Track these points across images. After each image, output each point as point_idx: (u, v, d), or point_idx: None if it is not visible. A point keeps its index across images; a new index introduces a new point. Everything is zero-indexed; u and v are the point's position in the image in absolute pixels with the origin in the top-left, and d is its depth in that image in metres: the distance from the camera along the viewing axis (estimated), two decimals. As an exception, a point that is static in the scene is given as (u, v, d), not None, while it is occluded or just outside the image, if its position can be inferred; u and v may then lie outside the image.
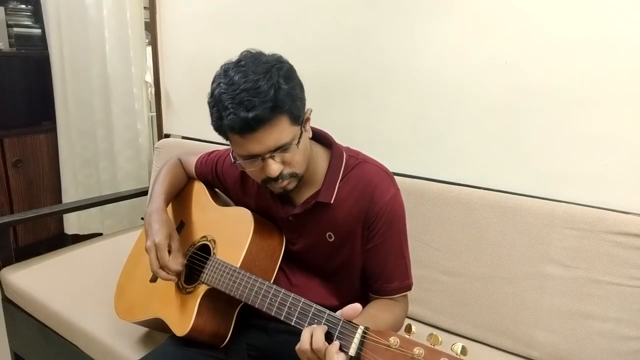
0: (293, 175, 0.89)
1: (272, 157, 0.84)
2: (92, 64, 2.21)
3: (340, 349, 0.72)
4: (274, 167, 0.85)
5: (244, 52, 0.87)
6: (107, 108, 2.26)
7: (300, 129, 0.86)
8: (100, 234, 2.31)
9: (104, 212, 2.41)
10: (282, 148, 0.83)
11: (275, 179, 0.87)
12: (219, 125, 0.84)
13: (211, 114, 0.85)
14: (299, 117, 0.84)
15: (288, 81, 0.82)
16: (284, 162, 0.86)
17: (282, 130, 0.82)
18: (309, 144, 0.93)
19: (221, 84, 0.81)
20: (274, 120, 0.80)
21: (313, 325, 0.76)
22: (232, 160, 0.91)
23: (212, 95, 0.84)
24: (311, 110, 0.91)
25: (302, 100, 0.87)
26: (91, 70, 2.22)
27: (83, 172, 2.41)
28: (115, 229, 2.34)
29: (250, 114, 0.77)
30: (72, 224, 2.46)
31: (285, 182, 0.89)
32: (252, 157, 0.84)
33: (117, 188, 2.30)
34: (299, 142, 0.85)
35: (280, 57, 0.87)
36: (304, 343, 0.74)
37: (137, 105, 2.25)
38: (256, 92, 0.78)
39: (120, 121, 2.26)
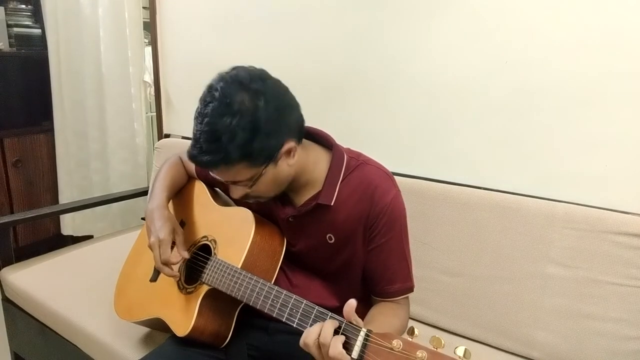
0: (259, 197, 0.91)
1: (235, 184, 0.87)
2: (87, 64, 2.20)
3: (344, 347, 0.71)
4: (236, 192, 0.88)
5: (232, 73, 0.83)
6: (102, 108, 2.24)
7: (263, 169, 0.84)
8: (103, 235, 2.31)
9: (97, 214, 2.39)
10: (240, 182, 0.86)
11: (242, 198, 0.90)
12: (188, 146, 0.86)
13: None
14: (260, 160, 0.83)
15: (251, 132, 0.78)
16: (247, 189, 0.88)
17: (236, 173, 0.83)
18: (287, 170, 0.89)
19: (199, 107, 0.82)
20: (227, 166, 0.82)
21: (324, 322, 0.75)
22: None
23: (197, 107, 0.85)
24: (295, 147, 0.87)
25: (269, 145, 0.82)
26: (85, 70, 2.21)
27: (78, 173, 2.40)
28: (107, 231, 2.32)
29: (204, 158, 0.80)
30: (67, 224, 2.45)
31: (252, 201, 0.93)
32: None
33: (112, 189, 2.29)
34: (258, 179, 0.85)
35: (262, 94, 0.80)
36: (310, 335, 0.73)
37: (134, 105, 2.23)
38: (211, 138, 0.79)
39: (115, 121, 2.24)
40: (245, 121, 0.78)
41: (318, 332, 0.73)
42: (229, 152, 0.79)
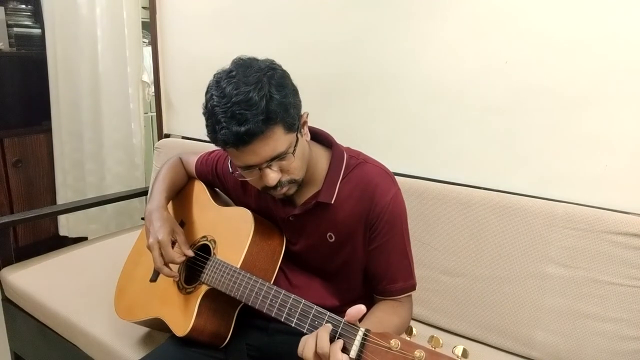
0: (292, 182, 0.89)
1: (270, 167, 0.84)
2: (83, 64, 2.19)
3: (342, 350, 0.72)
4: (272, 176, 0.85)
5: (235, 59, 0.86)
6: (98, 108, 2.23)
7: (296, 135, 0.86)
8: (101, 235, 2.30)
9: (90, 216, 2.38)
10: (279, 157, 0.83)
11: (274, 187, 0.87)
12: (214, 138, 0.84)
13: (206, 126, 0.84)
14: (293, 124, 0.84)
15: (280, 89, 0.81)
16: (281, 170, 0.86)
17: (276, 140, 0.81)
18: (308, 146, 0.93)
19: (214, 96, 0.81)
20: (268, 132, 0.79)
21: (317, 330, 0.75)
22: (230, 171, 0.91)
23: (205, 106, 0.84)
24: (307, 114, 0.91)
25: (297, 106, 0.85)
26: (82, 70, 2.20)
27: (72, 174, 2.39)
28: (101, 233, 2.30)
29: (243, 128, 0.77)
30: (63, 225, 2.45)
31: (284, 189, 0.90)
32: (249, 167, 0.85)
33: (107, 190, 2.27)
34: (295, 149, 0.85)
35: (272, 62, 0.86)
36: (308, 349, 0.73)
37: (132, 105, 2.22)
38: (248, 105, 0.77)
39: (111, 122, 2.23)
40: (273, 82, 0.80)
41: (314, 344, 0.72)
42: (270, 111, 0.78)
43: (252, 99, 0.77)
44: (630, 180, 1.12)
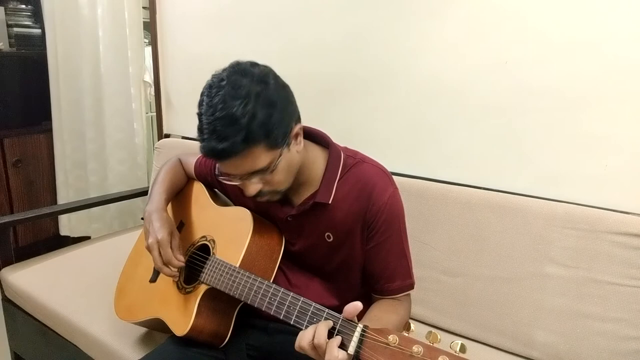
0: (274, 192, 0.90)
1: (249, 179, 0.85)
2: (85, 64, 2.20)
3: (340, 346, 0.72)
4: (252, 187, 0.86)
5: (233, 63, 0.85)
6: (100, 108, 2.23)
7: (281, 151, 0.84)
8: (100, 235, 2.30)
9: (93, 215, 2.38)
10: (259, 172, 0.83)
11: (255, 196, 0.88)
12: (200, 145, 0.84)
13: (197, 128, 0.84)
14: (277, 142, 0.82)
15: (268, 108, 0.79)
16: (263, 182, 0.87)
17: (256, 158, 0.81)
18: (297, 157, 0.91)
19: (203, 102, 0.81)
20: (246, 151, 0.79)
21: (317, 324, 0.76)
22: (217, 174, 0.92)
23: (198, 107, 0.84)
24: (301, 126, 0.89)
25: (284, 123, 0.83)
26: (84, 70, 2.20)
27: (74, 174, 2.39)
28: (104, 232, 2.31)
29: (221, 145, 0.77)
30: (64, 225, 2.45)
31: (265, 198, 0.90)
32: (231, 176, 0.85)
33: (110, 190, 2.27)
34: (276, 166, 0.84)
35: (267, 75, 0.83)
36: (304, 338, 0.73)
37: (134, 105, 2.22)
38: (229, 122, 0.77)
39: (114, 122, 2.24)
40: (260, 99, 0.79)
41: (312, 334, 0.73)
42: (251, 131, 0.77)
43: (235, 116, 0.77)
44: (630, 180, 1.12)
